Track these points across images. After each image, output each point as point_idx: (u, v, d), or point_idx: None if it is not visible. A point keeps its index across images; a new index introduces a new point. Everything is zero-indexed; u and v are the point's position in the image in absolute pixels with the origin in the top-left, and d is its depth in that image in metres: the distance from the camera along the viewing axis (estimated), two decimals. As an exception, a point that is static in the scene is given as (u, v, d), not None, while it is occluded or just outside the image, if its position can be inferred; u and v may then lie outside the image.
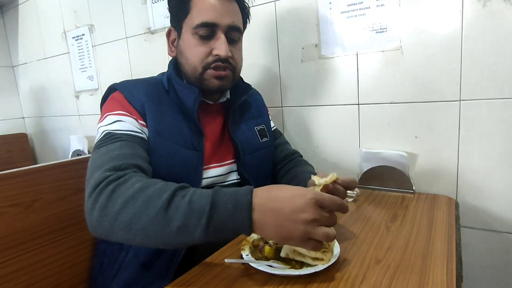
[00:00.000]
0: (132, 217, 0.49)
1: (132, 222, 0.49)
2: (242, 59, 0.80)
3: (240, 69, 0.80)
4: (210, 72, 0.72)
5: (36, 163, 2.17)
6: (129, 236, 0.50)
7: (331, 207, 0.50)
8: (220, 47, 0.70)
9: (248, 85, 0.87)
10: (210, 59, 0.72)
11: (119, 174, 0.53)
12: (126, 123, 0.66)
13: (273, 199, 0.49)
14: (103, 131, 0.64)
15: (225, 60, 0.72)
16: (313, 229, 0.47)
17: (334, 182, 0.61)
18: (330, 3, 0.97)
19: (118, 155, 0.57)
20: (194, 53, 0.72)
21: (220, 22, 0.70)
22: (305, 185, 0.64)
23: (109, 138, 0.62)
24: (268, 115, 0.96)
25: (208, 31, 0.71)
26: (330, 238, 0.48)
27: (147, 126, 0.69)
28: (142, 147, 0.65)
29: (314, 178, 0.60)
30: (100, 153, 0.59)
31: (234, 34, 0.74)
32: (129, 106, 0.69)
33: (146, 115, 0.69)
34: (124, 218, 0.49)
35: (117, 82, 0.76)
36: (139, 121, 0.69)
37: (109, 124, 0.65)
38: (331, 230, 0.48)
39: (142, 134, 0.67)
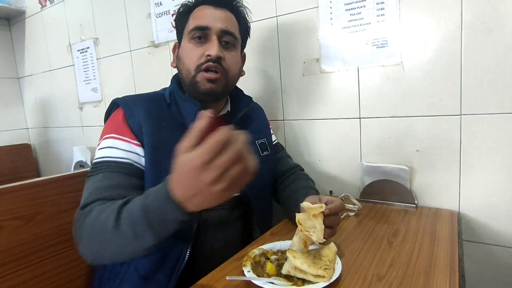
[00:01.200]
0: (99, 245, 0.56)
1: (101, 248, 0.57)
2: (238, 67, 0.81)
3: (235, 76, 0.81)
4: (201, 74, 0.74)
5: (39, 174, 2.19)
6: (106, 259, 0.59)
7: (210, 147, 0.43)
8: (212, 47, 0.73)
9: (249, 97, 0.88)
10: (202, 60, 0.74)
11: (85, 210, 0.61)
12: (115, 150, 0.69)
13: (177, 174, 0.47)
14: (94, 161, 0.71)
15: (216, 60, 0.73)
16: (207, 170, 0.43)
17: (322, 213, 0.59)
18: (331, 18, 0.99)
19: (95, 188, 0.65)
20: (189, 56, 0.76)
21: (212, 26, 0.74)
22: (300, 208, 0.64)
23: (96, 168, 0.68)
24: (270, 129, 0.96)
25: (201, 33, 0.75)
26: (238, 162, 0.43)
27: (142, 145, 0.71)
28: (123, 174, 0.68)
29: (305, 205, 0.60)
30: (87, 185, 0.67)
31: (227, 38, 0.77)
32: (124, 127, 0.72)
33: (143, 133, 0.71)
34: (94, 247, 0.58)
35: (120, 96, 0.77)
36: (132, 141, 0.71)
37: (101, 149, 0.71)
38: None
39: (128, 159, 0.69)
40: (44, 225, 0.76)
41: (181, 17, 0.80)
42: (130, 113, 0.73)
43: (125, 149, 0.70)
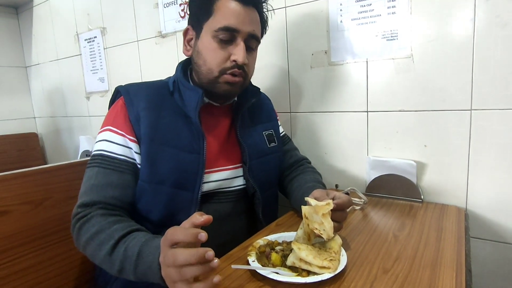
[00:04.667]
0: (92, 254, 0.63)
1: (93, 257, 0.63)
2: (254, 68, 0.81)
3: (252, 76, 0.81)
4: (225, 77, 0.73)
5: (46, 163, 2.22)
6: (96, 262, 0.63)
7: (186, 240, 0.48)
8: (239, 53, 0.71)
9: (257, 88, 0.87)
10: (228, 64, 0.72)
11: (85, 212, 0.65)
12: (111, 144, 0.71)
13: (163, 256, 0.50)
14: (93, 152, 0.73)
15: (241, 66, 0.73)
16: (169, 272, 0.47)
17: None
18: (341, 10, 0.98)
19: (92, 185, 0.68)
20: (213, 56, 0.73)
21: (241, 29, 0.71)
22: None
23: (93, 161, 0.71)
24: (277, 120, 0.96)
25: (228, 35, 0.71)
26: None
27: (137, 139, 0.72)
28: (117, 171, 0.70)
29: (311, 201, 0.59)
30: (85, 177, 0.71)
31: (252, 43, 0.75)
32: (122, 119, 0.73)
33: (140, 125, 0.72)
34: (88, 252, 0.63)
35: (124, 84, 0.78)
36: (127, 136, 0.72)
37: (99, 141, 0.73)
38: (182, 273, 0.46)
39: (122, 156, 0.71)
40: (52, 210, 0.77)
41: (203, 4, 0.73)
42: (130, 102, 0.73)
43: (120, 144, 0.71)
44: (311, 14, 1.03)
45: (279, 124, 0.96)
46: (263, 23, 0.80)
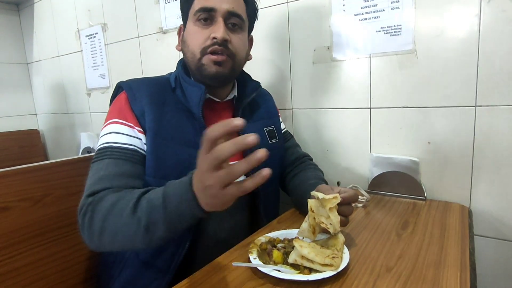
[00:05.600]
0: (112, 231, 0.56)
1: (113, 235, 0.57)
2: (244, 50, 0.79)
3: (242, 59, 0.79)
4: (207, 57, 0.72)
5: (47, 159, 2.22)
6: (115, 246, 0.59)
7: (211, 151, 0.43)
8: (218, 30, 0.71)
9: (257, 83, 0.86)
10: (208, 42, 0.72)
11: (95, 197, 0.61)
12: (120, 135, 0.69)
13: (196, 179, 0.48)
14: (98, 147, 0.70)
15: (222, 43, 0.71)
16: (212, 175, 0.43)
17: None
18: (343, 5, 0.96)
19: (102, 176, 0.64)
20: (194, 38, 0.73)
21: (218, 7, 0.71)
22: (309, 196, 0.62)
23: (101, 154, 0.68)
24: (279, 116, 0.95)
25: (206, 15, 0.72)
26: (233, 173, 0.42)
27: (144, 131, 0.70)
28: (129, 161, 0.67)
29: (318, 194, 0.58)
30: (92, 172, 0.67)
31: (234, 20, 0.74)
32: (128, 112, 0.71)
33: (145, 119, 0.70)
34: (106, 234, 0.57)
35: (125, 80, 0.77)
36: (135, 127, 0.70)
37: (105, 134, 0.70)
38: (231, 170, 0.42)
39: (132, 146, 0.69)
40: (52, 207, 0.77)
41: None
42: (133, 97, 0.72)
43: (129, 134, 0.69)
44: (314, 9, 1.02)
45: (281, 120, 0.95)
46: (249, 4, 0.79)
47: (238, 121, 0.40)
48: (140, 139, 0.70)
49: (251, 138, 0.39)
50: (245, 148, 0.40)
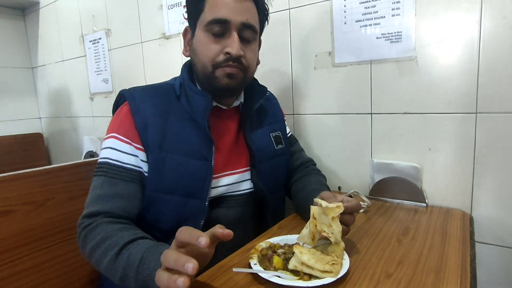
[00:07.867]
0: (97, 261, 0.61)
1: (97, 265, 0.62)
2: (256, 60, 0.78)
3: (253, 71, 0.78)
4: (221, 70, 0.70)
5: (50, 163, 2.23)
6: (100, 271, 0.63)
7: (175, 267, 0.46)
8: (232, 45, 0.68)
9: (264, 88, 0.84)
10: (221, 57, 0.69)
11: (90, 221, 0.64)
12: (117, 152, 0.69)
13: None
14: (99, 159, 0.71)
15: (236, 59, 0.69)
16: (159, 272, 0.47)
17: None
18: (345, 11, 0.97)
19: (98, 195, 0.67)
20: (206, 51, 0.70)
21: (232, 19, 0.68)
22: (312, 203, 0.62)
23: (99, 169, 0.70)
24: (284, 120, 0.94)
25: (220, 28, 0.69)
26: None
27: (144, 147, 0.70)
28: (123, 181, 0.68)
29: (322, 202, 0.57)
30: (92, 186, 0.70)
31: (247, 33, 0.71)
32: (128, 126, 0.70)
33: (148, 133, 0.69)
34: (93, 261, 0.63)
35: (128, 88, 0.75)
36: (133, 144, 0.70)
37: (105, 148, 0.71)
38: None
39: (127, 164, 0.69)
40: (54, 211, 0.78)
41: (195, 0, 0.72)
42: (136, 109, 0.70)
43: (126, 152, 0.69)
44: (315, 15, 1.03)
45: (286, 124, 0.94)
46: (262, 13, 0.76)
47: (203, 242, 0.44)
48: (137, 156, 0.69)
49: (180, 280, 0.42)
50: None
